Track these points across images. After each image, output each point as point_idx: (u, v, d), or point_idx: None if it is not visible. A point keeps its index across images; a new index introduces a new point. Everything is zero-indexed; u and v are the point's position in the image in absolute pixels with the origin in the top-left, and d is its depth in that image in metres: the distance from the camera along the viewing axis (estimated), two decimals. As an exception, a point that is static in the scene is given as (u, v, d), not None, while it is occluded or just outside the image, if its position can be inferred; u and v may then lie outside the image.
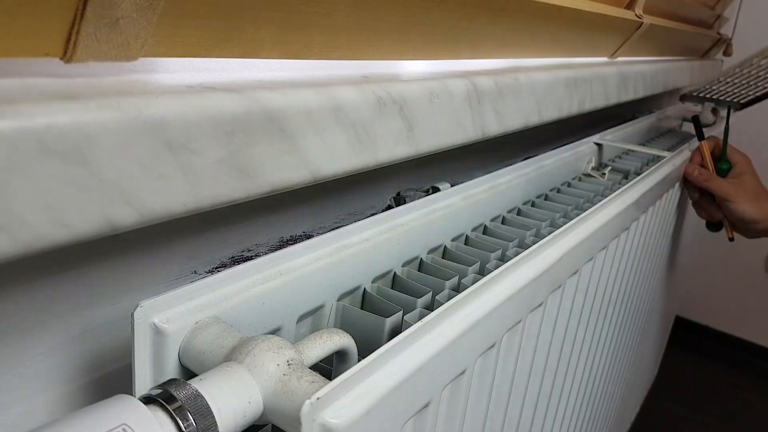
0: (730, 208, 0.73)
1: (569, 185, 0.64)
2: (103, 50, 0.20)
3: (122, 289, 0.29)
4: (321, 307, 0.32)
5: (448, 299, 0.30)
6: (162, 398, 0.20)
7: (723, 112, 1.01)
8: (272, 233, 0.36)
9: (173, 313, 0.24)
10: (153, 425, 0.18)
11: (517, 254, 0.37)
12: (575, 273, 0.45)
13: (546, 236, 0.40)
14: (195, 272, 0.32)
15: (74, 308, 0.27)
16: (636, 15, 0.73)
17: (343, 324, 0.33)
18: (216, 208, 0.25)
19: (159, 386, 0.20)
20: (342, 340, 0.27)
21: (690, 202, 0.81)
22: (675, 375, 1.61)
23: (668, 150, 0.75)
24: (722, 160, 0.76)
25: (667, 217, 0.76)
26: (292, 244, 0.29)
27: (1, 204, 0.18)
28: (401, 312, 0.33)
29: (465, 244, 0.45)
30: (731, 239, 0.78)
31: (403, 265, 0.39)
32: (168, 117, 0.21)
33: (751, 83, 0.92)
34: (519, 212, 0.53)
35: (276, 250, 0.29)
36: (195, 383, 0.21)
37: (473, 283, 0.32)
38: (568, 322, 0.47)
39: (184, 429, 0.19)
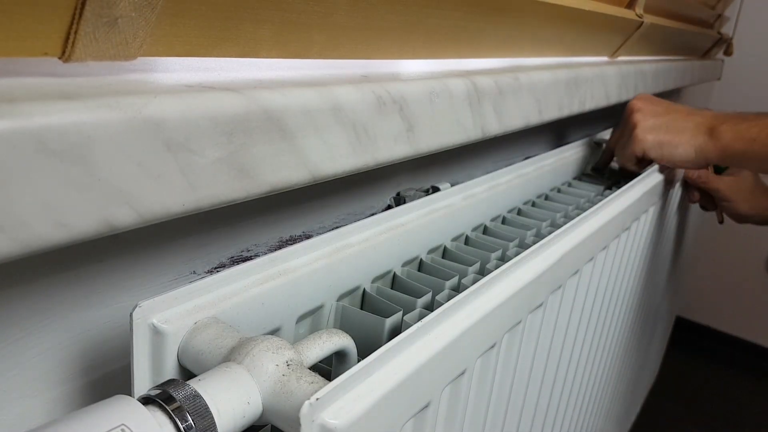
0: (725, 206, 0.77)
1: (570, 185, 0.64)
2: (101, 49, 0.20)
3: (121, 289, 0.29)
4: (320, 307, 0.32)
5: (448, 299, 0.29)
6: (161, 399, 0.20)
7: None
8: (272, 233, 0.36)
9: (172, 314, 0.24)
10: (152, 426, 0.18)
11: (517, 254, 0.37)
12: (576, 273, 0.45)
13: (546, 236, 0.40)
14: (194, 272, 0.32)
15: (73, 308, 0.27)
16: (636, 14, 0.73)
17: (343, 324, 0.33)
18: (215, 208, 0.25)
19: (158, 386, 0.20)
20: (341, 340, 0.26)
21: (689, 199, 0.82)
22: (675, 375, 1.61)
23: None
24: None
25: (668, 217, 0.76)
26: (291, 244, 0.29)
27: (0, 204, 0.18)
28: (401, 312, 0.33)
29: (465, 244, 0.45)
30: (721, 222, 0.85)
31: (403, 265, 0.39)
32: (167, 116, 0.21)
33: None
34: (519, 212, 0.53)
35: (275, 250, 0.29)
36: (194, 384, 0.21)
37: (473, 283, 0.32)
38: (568, 323, 0.47)
39: (182, 429, 0.19)
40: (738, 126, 0.57)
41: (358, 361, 0.24)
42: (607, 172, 0.69)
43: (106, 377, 0.29)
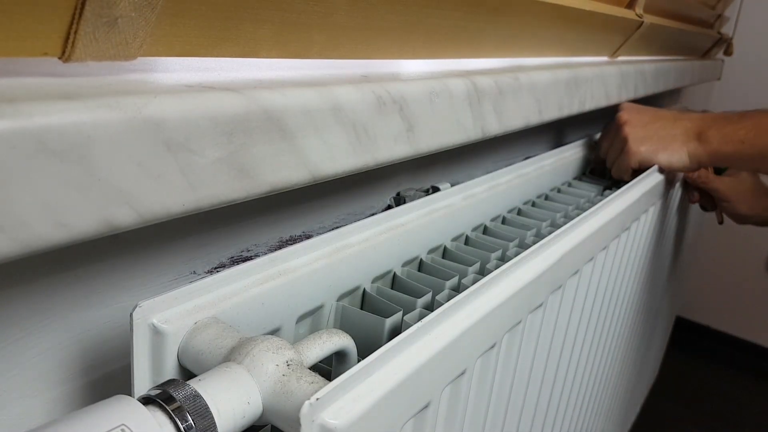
0: (725, 206, 0.78)
1: (570, 185, 0.64)
2: (101, 49, 0.20)
3: (121, 289, 0.29)
4: (320, 307, 0.32)
5: (448, 299, 0.29)
6: (161, 399, 0.19)
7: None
8: (271, 233, 0.36)
9: (172, 314, 0.24)
10: (152, 426, 0.18)
11: (517, 254, 0.37)
12: (576, 273, 0.45)
13: (546, 236, 0.40)
14: (194, 272, 0.32)
15: (73, 308, 0.27)
16: (636, 14, 0.73)
17: (343, 324, 0.33)
18: (215, 208, 0.25)
19: (158, 387, 0.20)
20: (341, 340, 0.26)
21: (690, 200, 0.82)
22: (675, 375, 1.61)
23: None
24: None
25: (668, 217, 0.76)
26: (291, 244, 0.29)
27: (0, 204, 0.18)
28: (401, 312, 0.33)
29: (465, 244, 0.45)
30: (721, 222, 0.86)
31: (403, 265, 0.39)
32: (167, 116, 0.21)
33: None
34: (519, 212, 0.53)
35: (275, 250, 0.29)
36: (194, 384, 0.21)
37: (473, 283, 0.32)
38: (568, 323, 0.47)
39: (183, 429, 0.19)
40: (724, 129, 0.58)
41: (358, 361, 0.24)
42: (607, 172, 0.69)
43: (106, 377, 0.29)
